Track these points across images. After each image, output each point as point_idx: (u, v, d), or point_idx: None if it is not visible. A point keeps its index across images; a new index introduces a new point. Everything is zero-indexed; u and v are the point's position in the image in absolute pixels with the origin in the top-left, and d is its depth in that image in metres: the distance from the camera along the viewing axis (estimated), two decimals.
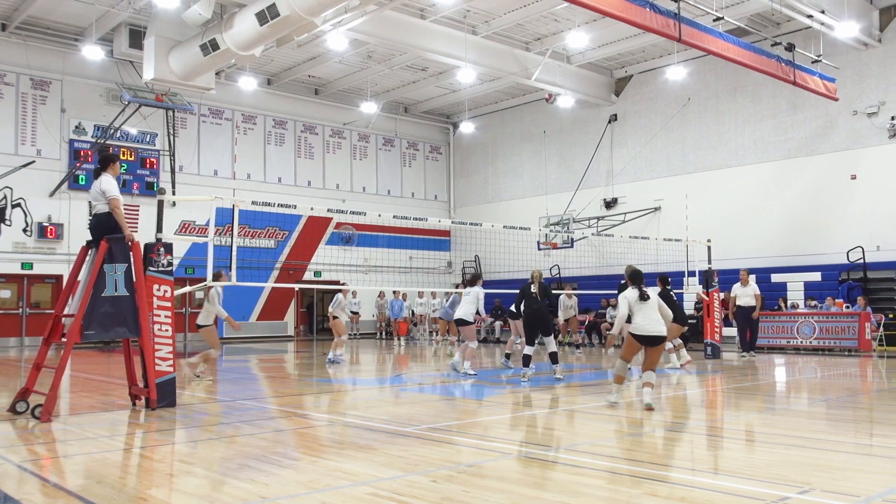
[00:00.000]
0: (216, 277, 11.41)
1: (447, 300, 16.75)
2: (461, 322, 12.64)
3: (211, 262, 10.55)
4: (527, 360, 11.35)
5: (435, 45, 20.67)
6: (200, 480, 5.21)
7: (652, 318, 8.44)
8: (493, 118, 29.11)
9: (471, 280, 13.28)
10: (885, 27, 19.61)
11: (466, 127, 27.52)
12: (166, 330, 8.60)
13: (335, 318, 15.33)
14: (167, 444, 6.76)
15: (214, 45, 16.66)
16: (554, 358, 11.51)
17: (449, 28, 20.64)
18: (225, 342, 23.68)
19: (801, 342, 17.76)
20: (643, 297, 8.49)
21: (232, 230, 11.46)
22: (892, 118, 19.22)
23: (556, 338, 12.36)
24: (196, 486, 5.06)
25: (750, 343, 16.18)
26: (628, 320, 8.53)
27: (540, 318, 11.34)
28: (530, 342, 11.41)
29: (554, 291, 15.82)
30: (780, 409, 9.19)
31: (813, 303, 18.81)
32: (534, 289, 11.42)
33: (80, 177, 21.77)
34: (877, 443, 6.83)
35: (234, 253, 11.21)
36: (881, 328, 17.87)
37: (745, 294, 16.15)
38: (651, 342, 8.49)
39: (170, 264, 8.79)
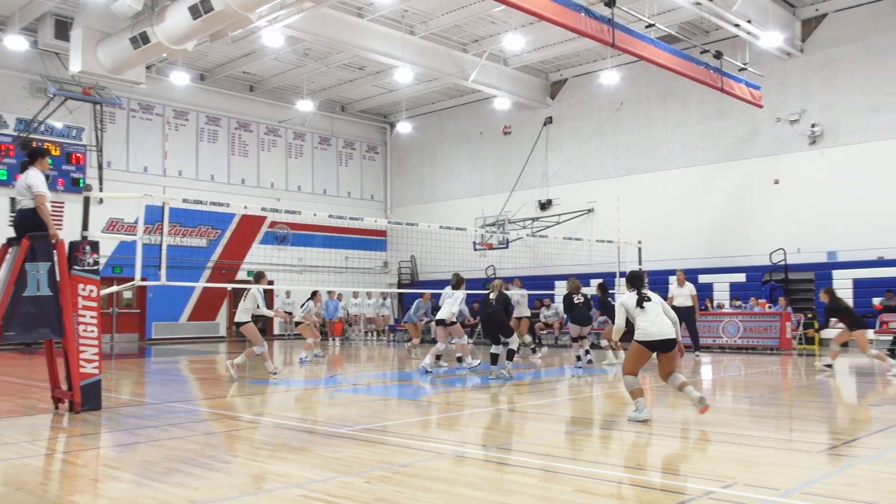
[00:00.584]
0: (258, 278, 12.35)
1: (415, 306, 16.75)
2: (447, 323, 13.23)
3: (140, 261, 10.28)
4: (493, 358, 11.97)
5: (372, 44, 20.59)
6: (126, 485, 5.07)
7: (659, 320, 7.54)
8: (430, 118, 29.16)
9: (455, 284, 13.55)
10: (806, 38, 20.41)
11: (404, 127, 27.50)
12: (92, 331, 8.33)
13: (298, 323, 15.73)
14: (92, 449, 6.56)
15: (145, 39, 16.21)
16: (510, 355, 11.83)
17: (386, 27, 20.60)
18: (154, 343, 23.11)
19: (727, 341, 18.33)
20: (642, 302, 7.63)
21: (162, 229, 11.16)
22: (813, 125, 20.01)
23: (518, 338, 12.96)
24: (122, 491, 4.92)
25: (694, 343, 16.34)
26: (630, 328, 7.75)
27: (492, 321, 12.03)
28: (495, 342, 12.04)
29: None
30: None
31: (738, 303, 19.45)
32: (492, 296, 12.11)
33: (0, 171, 20.92)
34: (796, 437, 7.10)
35: (163, 252, 10.93)
36: (801, 327, 18.60)
37: (682, 294, 16.40)
38: (663, 347, 7.52)
39: (96, 263, 8.52)
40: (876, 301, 17.95)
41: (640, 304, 7.60)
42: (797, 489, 4.81)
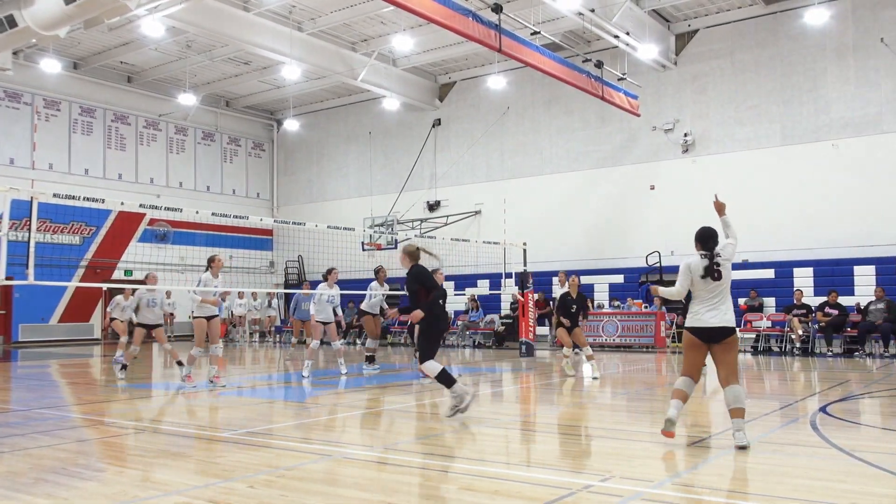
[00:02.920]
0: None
1: (294, 302, 16.52)
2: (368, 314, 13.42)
3: (3, 259, 9.65)
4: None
5: (258, 38, 20.14)
6: None
7: (721, 305, 6.15)
8: (318, 117, 28.81)
9: (376, 273, 13.79)
10: (679, 51, 21.51)
11: (291, 124, 27.05)
12: None
13: (113, 319, 15.07)
14: None
15: (11, 22, 15.18)
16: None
17: (273, 23, 20.20)
18: (20, 346, 21.73)
19: (606, 339, 19.06)
20: (714, 273, 6.14)
21: (30, 224, 10.52)
22: (685, 135, 21.10)
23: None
24: None
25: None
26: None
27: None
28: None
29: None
30: (586, 402, 9.82)
31: (616, 303, 20.26)
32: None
33: None
34: None
35: (31, 249, 10.30)
36: (674, 326, 19.57)
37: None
38: (718, 337, 6.16)
39: None
40: (741, 301, 19.14)
41: (711, 273, 6.13)
42: (668, 480, 5.10)
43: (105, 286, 22.10)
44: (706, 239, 6.37)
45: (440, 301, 8.73)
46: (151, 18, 17.38)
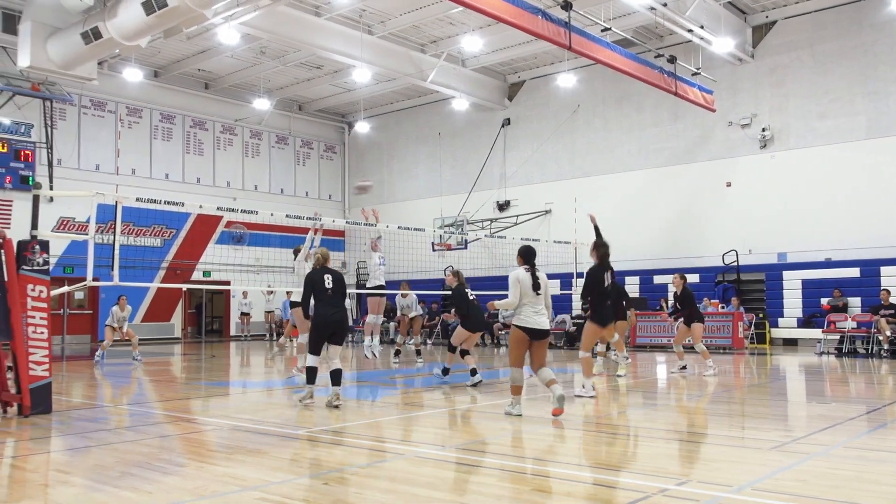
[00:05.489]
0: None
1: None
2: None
3: (91, 261, 10.08)
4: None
5: (330, 43, 20.46)
6: (78, 490, 4.97)
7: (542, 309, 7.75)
8: (388, 118, 29.09)
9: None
10: (757, 44, 20.86)
11: (362, 127, 27.39)
12: (41, 332, 8.14)
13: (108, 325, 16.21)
14: (41, 453, 6.40)
15: (97, 34, 15.85)
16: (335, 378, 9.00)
17: (344, 27, 20.49)
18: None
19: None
20: (538, 286, 7.72)
21: (115, 228, 10.94)
22: (763, 130, 20.46)
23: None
24: (73, 496, 4.82)
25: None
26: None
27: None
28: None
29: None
30: (661, 404, 9.63)
31: None
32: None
33: None
34: (748, 435, 7.25)
35: (116, 252, 10.73)
36: (752, 327, 19.01)
37: None
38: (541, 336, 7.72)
39: (46, 263, 8.33)
40: (824, 301, 18.45)
41: (535, 287, 7.55)
42: (748, 485, 4.93)
43: (185, 287, 22.82)
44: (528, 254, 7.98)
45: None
46: (227, 26, 17.87)
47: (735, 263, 20.12)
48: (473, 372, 10.74)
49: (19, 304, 7.94)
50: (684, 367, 12.84)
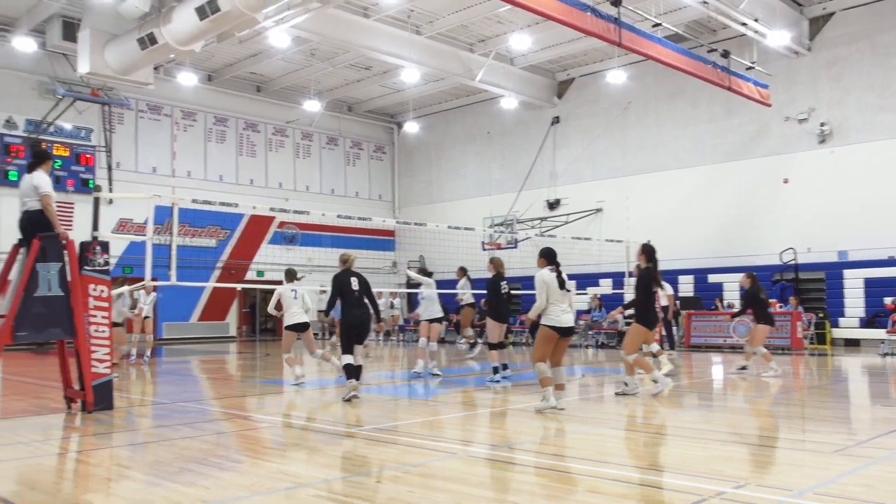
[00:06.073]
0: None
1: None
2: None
3: (150, 262, 10.33)
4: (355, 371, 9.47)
5: (379, 44, 20.59)
6: (138, 485, 5.09)
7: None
8: (437, 118, 29.15)
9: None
10: (814, 36, 20.31)
11: (411, 127, 27.51)
12: (103, 331, 8.37)
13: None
14: (104, 448, 6.58)
15: (152, 40, 16.25)
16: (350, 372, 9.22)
17: (393, 27, 20.59)
18: (163, 343, 23.18)
19: (738, 340, 18.23)
20: (564, 285, 8.14)
21: (172, 229, 11.19)
22: (822, 124, 19.91)
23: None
24: (134, 490, 4.94)
25: (669, 342, 16.46)
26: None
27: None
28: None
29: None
30: (717, 406, 9.44)
31: None
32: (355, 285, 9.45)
33: (11, 172, 21.01)
34: (808, 438, 7.07)
35: (173, 252, 10.96)
36: (812, 327, 18.50)
37: (661, 296, 16.35)
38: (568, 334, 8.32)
39: (106, 263, 8.56)
40: (888, 300, 17.85)
41: (561, 285, 7.93)
42: (810, 490, 4.79)
43: (239, 286, 23.22)
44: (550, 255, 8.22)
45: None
46: (278, 29, 18.12)
47: (793, 262, 19.61)
48: (495, 370, 10.77)
49: (82, 303, 8.17)
50: (744, 368, 12.58)
